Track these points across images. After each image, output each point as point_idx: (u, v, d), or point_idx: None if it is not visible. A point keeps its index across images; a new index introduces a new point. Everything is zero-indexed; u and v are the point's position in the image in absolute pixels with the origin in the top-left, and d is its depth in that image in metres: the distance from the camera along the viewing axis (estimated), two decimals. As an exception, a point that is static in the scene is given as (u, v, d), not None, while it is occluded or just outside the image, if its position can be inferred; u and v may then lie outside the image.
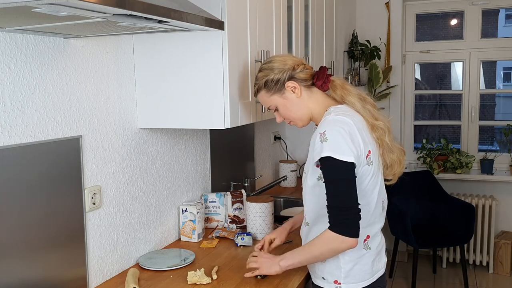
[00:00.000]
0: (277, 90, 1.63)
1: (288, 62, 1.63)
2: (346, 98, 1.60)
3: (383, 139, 1.58)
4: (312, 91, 1.64)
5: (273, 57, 1.69)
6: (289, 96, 1.63)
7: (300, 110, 1.64)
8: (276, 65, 1.63)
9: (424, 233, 3.75)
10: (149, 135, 2.04)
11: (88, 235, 1.71)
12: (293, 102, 1.63)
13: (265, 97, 1.67)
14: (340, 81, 1.64)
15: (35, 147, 1.46)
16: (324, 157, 1.44)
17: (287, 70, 1.61)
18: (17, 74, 1.41)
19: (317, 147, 1.47)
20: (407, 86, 4.43)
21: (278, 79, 1.62)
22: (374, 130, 1.57)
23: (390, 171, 1.63)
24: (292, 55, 1.77)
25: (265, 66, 1.67)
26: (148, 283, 1.75)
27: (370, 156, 1.52)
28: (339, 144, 1.44)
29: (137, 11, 1.11)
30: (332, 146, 1.44)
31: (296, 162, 3.40)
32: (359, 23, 4.36)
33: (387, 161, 1.61)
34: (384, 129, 1.58)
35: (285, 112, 1.66)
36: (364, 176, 1.52)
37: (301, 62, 1.65)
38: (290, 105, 1.64)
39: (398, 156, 1.62)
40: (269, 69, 1.64)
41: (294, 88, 1.61)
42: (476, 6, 4.18)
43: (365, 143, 1.50)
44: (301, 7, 2.62)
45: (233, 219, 2.39)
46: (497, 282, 3.96)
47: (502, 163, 4.19)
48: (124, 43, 1.86)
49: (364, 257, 1.57)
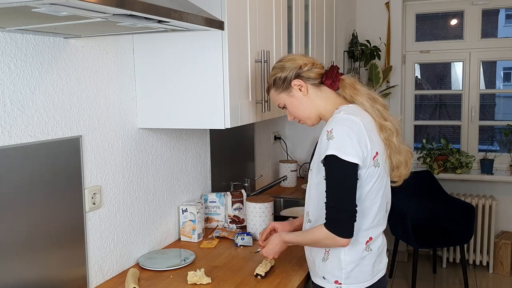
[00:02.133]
0: (285, 88, 1.66)
1: (297, 61, 1.66)
2: (355, 98, 1.60)
3: (391, 139, 1.57)
4: (321, 89, 1.65)
5: (285, 56, 1.74)
6: (296, 94, 1.65)
7: (308, 109, 1.65)
8: (287, 64, 1.67)
9: (424, 233, 3.75)
10: (149, 135, 2.04)
11: (88, 235, 1.71)
12: (300, 100, 1.65)
13: (274, 95, 1.71)
14: (350, 80, 1.64)
15: (35, 147, 1.46)
16: (329, 155, 1.44)
17: (294, 69, 1.64)
18: (17, 74, 1.41)
19: (323, 145, 1.47)
20: (407, 86, 4.43)
21: (285, 77, 1.65)
22: (383, 130, 1.56)
23: (396, 173, 1.61)
24: (304, 55, 1.82)
25: (277, 65, 1.71)
26: (148, 283, 1.75)
27: (377, 157, 1.51)
28: (345, 144, 1.44)
29: (137, 11, 1.11)
30: (338, 145, 1.44)
31: (296, 162, 3.40)
32: (359, 23, 4.36)
33: (393, 162, 1.59)
34: (392, 130, 1.57)
35: (293, 110, 1.69)
36: (370, 178, 1.51)
37: (311, 62, 1.67)
38: (298, 104, 1.66)
39: (405, 158, 1.60)
40: (279, 67, 1.68)
41: (300, 87, 1.63)
42: (476, 6, 4.18)
43: (372, 144, 1.50)
44: (301, 7, 2.62)
45: (233, 219, 2.38)
46: (497, 282, 3.96)
47: (502, 163, 4.19)
48: (124, 43, 1.86)
49: (366, 259, 1.57)
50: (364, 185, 1.51)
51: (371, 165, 1.50)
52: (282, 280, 1.73)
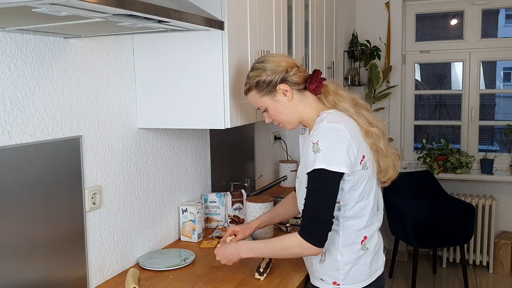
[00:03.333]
0: (268, 92, 1.59)
1: (281, 63, 1.59)
2: (339, 105, 1.57)
3: (378, 145, 1.55)
4: (304, 94, 1.61)
5: (266, 57, 1.64)
6: (280, 99, 1.59)
7: (290, 114, 1.61)
8: (269, 65, 1.59)
9: (424, 233, 3.75)
10: (149, 135, 2.04)
11: (88, 235, 1.71)
12: (284, 105, 1.59)
13: (255, 98, 1.63)
14: (333, 86, 1.61)
15: (35, 147, 1.46)
16: (317, 169, 1.43)
17: (280, 72, 1.57)
18: (17, 74, 1.41)
19: (310, 157, 1.45)
20: (407, 86, 4.43)
21: (270, 80, 1.57)
22: (368, 136, 1.54)
23: (384, 176, 1.60)
24: (286, 56, 1.70)
25: (258, 65, 1.62)
26: (148, 283, 1.75)
27: (365, 161, 1.51)
28: (333, 154, 1.43)
29: (137, 11, 1.11)
30: (325, 157, 1.42)
31: (296, 162, 3.40)
32: (359, 23, 4.36)
33: (381, 166, 1.58)
34: (378, 135, 1.56)
35: (275, 114, 1.63)
36: (360, 181, 1.51)
37: (295, 64, 1.61)
38: (281, 108, 1.60)
39: (392, 161, 1.59)
40: (262, 69, 1.59)
41: (285, 92, 1.58)
42: (476, 6, 4.18)
43: (358, 149, 1.48)
44: (301, 7, 2.62)
45: (233, 219, 2.38)
46: (497, 282, 3.96)
47: (502, 163, 4.19)
48: (124, 43, 1.86)
49: (362, 258, 1.57)
50: (356, 189, 1.50)
51: (359, 169, 1.49)
52: (282, 280, 1.73)
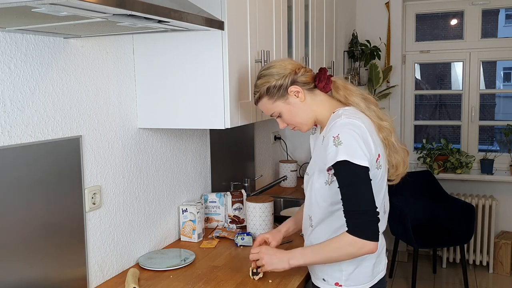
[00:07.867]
0: (280, 96, 1.58)
1: (287, 66, 1.59)
2: (350, 99, 1.57)
3: (389, 139, 1.56)
4: (315, 93, 1.61)
5: (271, 63, 1.64)
6: (293, 101, 1.59)
7: (306, 114, 1.60)
8: (276, 70, 1.59)
9: (424, 233, 3.75)
10: (149, 135, 2.04)
11: (88, 235, 1.71)
12: (298, 106, 1.59)
13: (268, 105, 1.62)
14: (341, 81, 1.62)
15: (35, 147, 1.46)
16: (340, 161, 1.41)
17: (288, 75, 1.57)
18: (17, 74, 1.41)
19: (331, 151, 1.43)
20: (407, 86, 4.43)
21: (280, 84, 1.57)
22: (381, 130, 1.55)
23: (395, 172, 1.61)
24: (290, 59, 1.71)
25: (264, 72, 1.62)
26: (148, 283, 1.75)
27: (380, 159, 1.51)
28: (354, 148, 1.42)
29: (137, 11, 1.11)
30: (347, 149, 1.41)
31: (296, 162, 3.40)
32: (359, 23, 4.36)
33: (392, 162, 1.59)
34: (389, 129, 1.56)
35: (289, 118, 1.62)
36: (372, 179, 1.49)
37: (301, 66, 1.62)
38: (295, 110, 1.60)
39: (402, 157, 1.60)
40: (269, 75, 1.59)
41: (297, 93, 1.57)
42: (476, 6, 4.18)
43: (375, 147, 1.49)
44: (301, 7, 2.62)
45: (233, 219, 2.39)
46: (497, 282, 3.96)
47: (502, 163, 4.19)
48: (124, 43, 1.86)
49: (365, 260, 1.56)
50: None
51: (374, 167, 1.49)
52: (282, 280, 1.73)
